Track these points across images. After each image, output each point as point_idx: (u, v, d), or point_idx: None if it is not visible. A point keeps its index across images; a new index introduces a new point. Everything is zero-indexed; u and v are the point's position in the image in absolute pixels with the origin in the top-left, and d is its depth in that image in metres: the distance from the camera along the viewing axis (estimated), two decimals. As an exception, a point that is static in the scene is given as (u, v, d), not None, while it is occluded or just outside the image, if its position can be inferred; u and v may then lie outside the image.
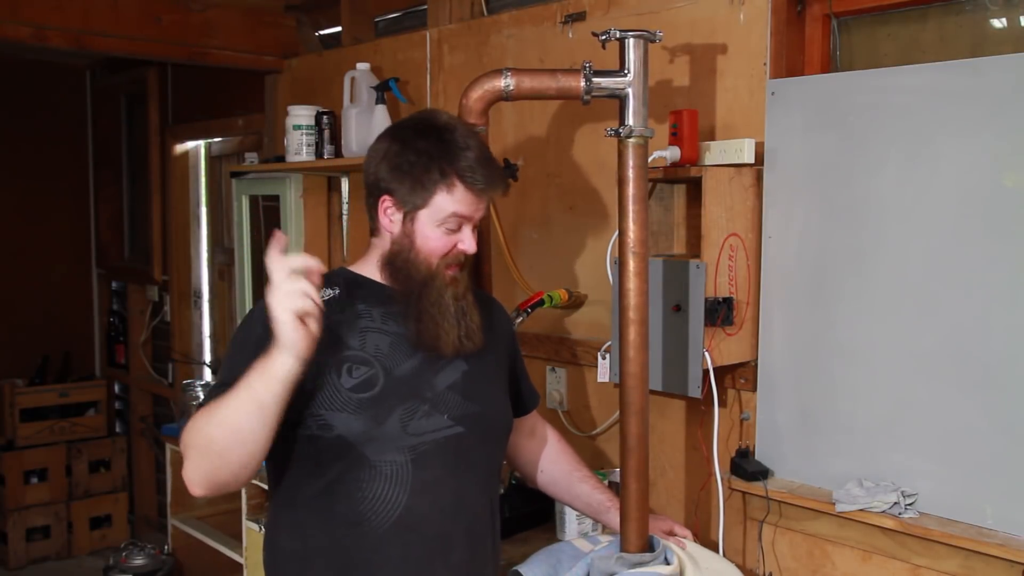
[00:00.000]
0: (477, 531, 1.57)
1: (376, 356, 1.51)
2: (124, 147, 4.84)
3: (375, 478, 1.47)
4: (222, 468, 1.37)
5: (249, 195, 3.39)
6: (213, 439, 1.35)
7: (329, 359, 1.48)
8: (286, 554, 1.55)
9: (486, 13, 2.75)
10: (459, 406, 1.53)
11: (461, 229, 1.53)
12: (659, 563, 1.68)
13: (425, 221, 1.52)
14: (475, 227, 1.56)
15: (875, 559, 1.85)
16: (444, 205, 1.51)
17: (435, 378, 1.54)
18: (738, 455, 2.02)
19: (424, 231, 1.52)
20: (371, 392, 1.48)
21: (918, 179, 1.76)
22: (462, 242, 1.53)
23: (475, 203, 1.52)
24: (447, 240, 1.53)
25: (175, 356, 4.45)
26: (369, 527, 1.47)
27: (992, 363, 1.68)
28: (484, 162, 1.52)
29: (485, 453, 1.59)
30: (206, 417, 1.37)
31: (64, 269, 5.01)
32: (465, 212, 1.52)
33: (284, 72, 3.52)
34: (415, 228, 1.53)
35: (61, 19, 2.98)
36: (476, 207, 1.53)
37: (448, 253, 1.53)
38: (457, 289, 1.55)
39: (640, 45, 1.69)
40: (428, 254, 1.53)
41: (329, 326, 1.49)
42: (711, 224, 1.91)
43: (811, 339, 1.93)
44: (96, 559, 4.50)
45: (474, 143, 1.54)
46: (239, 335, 1.55)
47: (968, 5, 1.89)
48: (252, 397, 1.33)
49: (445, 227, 1.52)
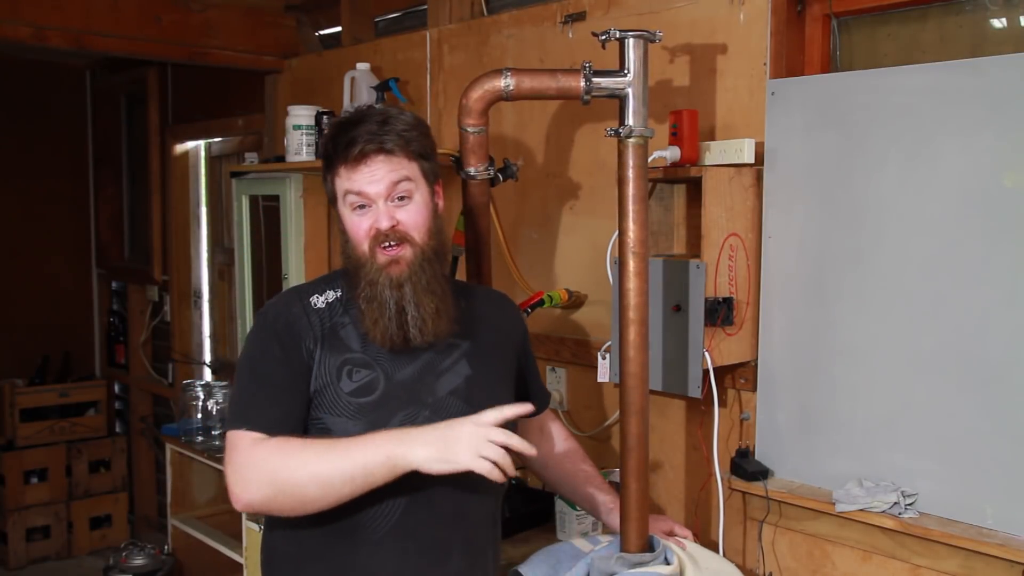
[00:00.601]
0: (476, 540, 1.55)
1: (377, 360, 1.50)
2: (124, 147, 4.84)
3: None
4: (290, 506, 1.39)
5: (249, 195, 3.39)
6: (302, 485, 1.37)
7: (331, 360, 1.48)
8: (281, 557, 1.55)
9: (486, 13, 2.75)
10: (461, 412, 1.48)
11: (372, 207, 1.48)
12: (659, 563, 1.68)
13: (342, 210, 1.51)
14: (396, 201, 1.48)
15: (875, 559, 1.85)
16: (339, 187, 1.49)
17: (436, 383, 1.52)
18: (738, 455, 2.02)
19: (345, 219, 1.51)
20: (370, 397, 1.47)
21: (918, 179, 1.76)
22: (377, 221, 1.47)
23: (361, 175, 1.46)
24: (361, 220, 1.48)
25: (175, 356, 4.45)
26: (365, 534, 1.46)
27: (992, 363, 1.68)
28: (362, 129, 1.46)
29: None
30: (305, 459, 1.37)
31: (64, 269, 5.01)
32: (356, 187, 1.47)
33: (284, 72, 3.52)
34: (342, 220, 1.53)
35: (61, 19, 2.98)
36: (367, 179, 1.46)
37: (369, 234, 1.48)
38: (397, 274, 1.47)
39: (640, 45, 1.69)
40: (355, 240, 1.50)
41: (332, 327, 1.50)
42: (711, 224, 1.91)
43: (811, 339, 1.93)
44: (96, 559, 4.50)
45: (368, 117, 1.49)
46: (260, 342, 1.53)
47: (968, 5, 1.89)
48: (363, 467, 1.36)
49: (356, 209, 1.48)
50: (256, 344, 1.52)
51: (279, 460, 1.38)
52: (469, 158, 1.93)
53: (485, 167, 1.95)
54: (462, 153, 1.94)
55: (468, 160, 1.94)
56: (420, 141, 1.51)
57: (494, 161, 1.99)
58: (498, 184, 2.04)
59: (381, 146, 1.46)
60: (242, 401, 1.48)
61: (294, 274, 3.18)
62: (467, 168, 1.95)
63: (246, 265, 3.42)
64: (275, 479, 1.37)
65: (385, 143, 1.46)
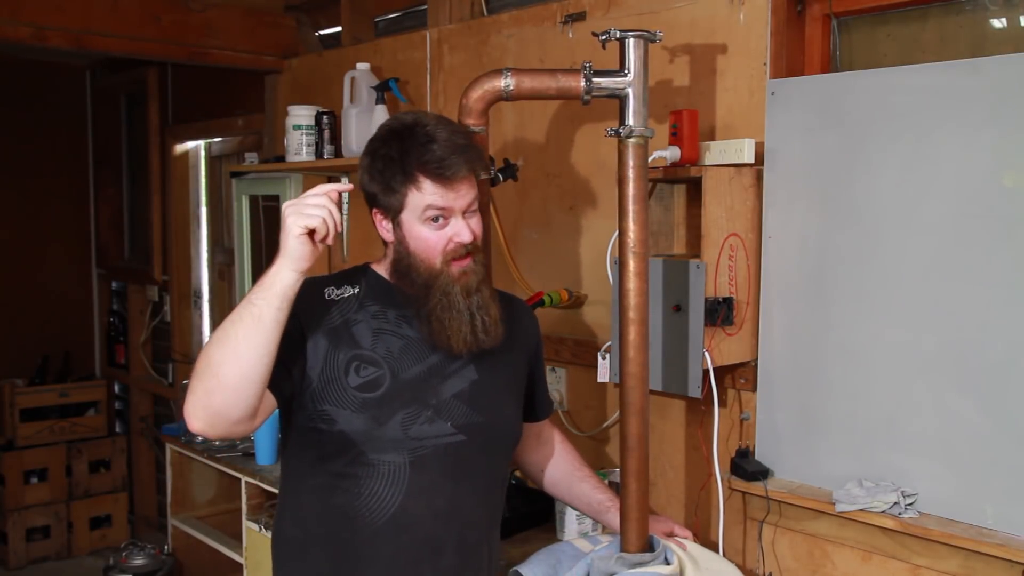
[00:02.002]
0: (470, 539, 1.57)
1: (386, 358, 1.52)
2: (124, 147, 4.84)
3: (373, 476, 1.48)
4: (217, 390, 1.35)
5: (249, 195, 3.39)
6: (211, 358, 1.35)
7: (340, 355, 1.50)
8: (288, 540, 1.59)
9: (486, 13, 2.75)
10: (464, 415, 1.53)
11: (450, 220, 1.50)
12: (659, 563, 1.68)
13: (410, 222, 1.51)
14: (468, 213, 1.52)
15: (875, 559, 1.85)
16: (418, 202, 1.49)
17: (442, 385, 1.54)
18: (738, 455, 2.02)
19: (413, 232, 1.51)
20: (375, 393, 1.49)
21: (918, 179, 1.76)
22: (457, 234, 1.50)
23: (448, 192, 1.49)
24: (439, 235, 1.50)
25: (175, 356, 4.45)
26: (364, 522, 1.49)
27: (992, 363, 1.68)
28: (450, 148, 1.49)
29: (486, 463, 1.59)
30: (209, 341, 1.38)
31: (64, 269, 5.01)
32: (441, 203, 1.49)
33: (284, 72, 3.52)
34: (404, 232, 1.52)
35: (61, 19, 2.98)
36: (453, 195, 1.49)
37: (446, 248, 1.51)
38: (467, 283, 1.51)
39: (640, 45, 1.69)
40: (425, 254, 1.51)
41: (345, 322, 1.53)
42: (711, 224, 1.91)
43: (811, 339, 1.93)
44: (96, 559, 4.50)
45: (442, 134, 1.51)
46: None
47: (968, 5, 1.89)
48: (250, 311, 1.34)
49: (430, 222, 1.50)
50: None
51: (199, 360, 1.38)
52: (469, 158, 1.93)
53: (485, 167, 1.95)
54: (462, 153, 1.93)
55: (468, 160, 1.93)
56: (484, 161, 1.60)
57: (494, 161, 1.99)
58: (498, 184, 2.04)
59: (472, 168, 1.52)
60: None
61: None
62: (467, 168, 1.94)
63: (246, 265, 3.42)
64: (197, 373, 1.36)
65: (475, 165, 1.52)
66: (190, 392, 1.37)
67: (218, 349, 1.35)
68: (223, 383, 1.35)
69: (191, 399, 1.36)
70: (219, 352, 1.35)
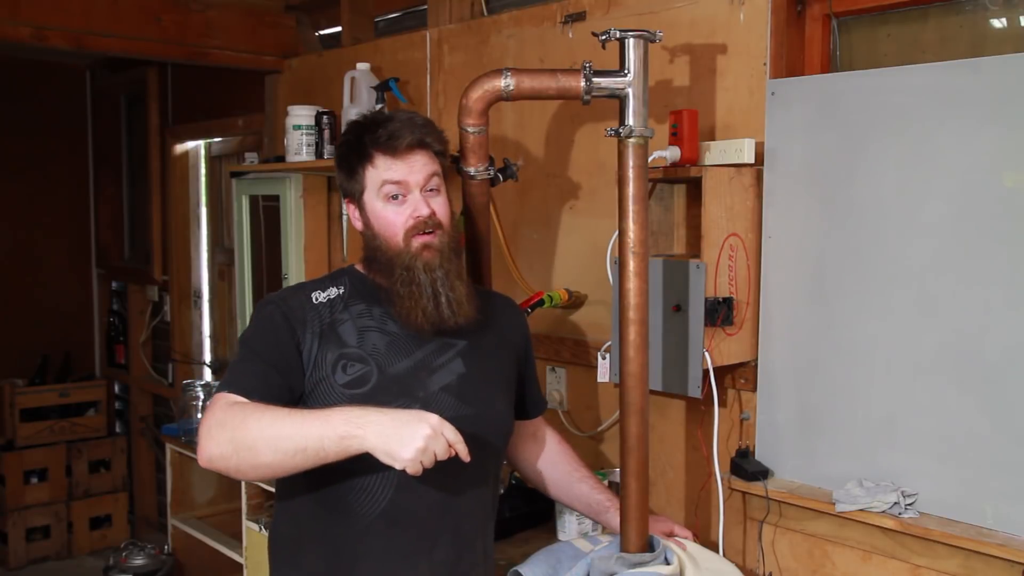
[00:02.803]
0: (465, 531, 1.58)
1: (372, 354, 1.53)
2: (124, 147, 4.84)
3: (364, 470, 1.48)
4: (243, 465, 1.38)
5: (249, 195, 3.39)
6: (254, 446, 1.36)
7: (328, 355, 1.52)
8: (284, 538, 1.61)
9: (486, 13, 2.75)
10: (452, 408, 1.53)
11: (408, 198, 1.53)
12: (659, 563, 1.68)
13: (371, 202, 1.55)
14: (429, 192, 1.55)
15: (875, 559, 1.85)
16: (374, 178, 1.54)
17: (429, 379, 1.55)
18: (738, 455, 2.02)
19: (375, 212, 1.55)
20: (363, 389, 1.50)
21: (918, 179, 1.76)
22: (416, 209, 1.53)
23: (401, 164, 1.53)
24: (397, 211, 1.53)
25: (175, 356, 4.45)
26: (355, 517, 1.50)
27: (992, 363, 1.68)
28: (402, 124, 1.53)
29: (477, 455, 1.59)
30: (258, 417, 1.37)
31: (64, 269, 5.01)
32: (397, 177, 1.53)
33: (284, 72, 3.51)
34: (368, 214, 1.56)
35: (61, 19, 2.98)
36: (407, 168, 1.53)
37: (407, 224, 1.53)
38: (429, 259, 1.53)
39: (640, 45, 1.69)
40: (388, 232, 1.54)
41: (331, 323, 1.54)
42: (711, 224, 1.91)
43: (811, 339, 1.93)
44: (96, 559, 4.50)
45: (401, 116, 1.56)
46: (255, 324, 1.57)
47: (968, 5, 1.89)
48: (305, 434, 1.33)
49: (389, 200, 1.53)
50: (253, 325, 1.57)
51: (241, 419, 1.38)
52: (469, 158, 1.93)
53: (485, 167, 1.95)
54: (462, 153, 1.94)
55: (468, 160, 1.94)
56: (444, 143, 1.61)
57: (494, 161, 1.99)
58: (498, 184, 2.04)
59: (422, 139, 1.54)
60: (232, 371, 1.52)
61: (294, 274, 3.18)
62: (467, 168, 1.95)
63: (246, 265, 3.42)
64: (235, 437, 1.37)
65: (425, 137, 1.55)
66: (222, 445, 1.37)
67: (267, 448, 1.35)
68: (254, 466, 1.38)
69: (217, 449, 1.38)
70: (268, 451, 1.35)
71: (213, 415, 1.40)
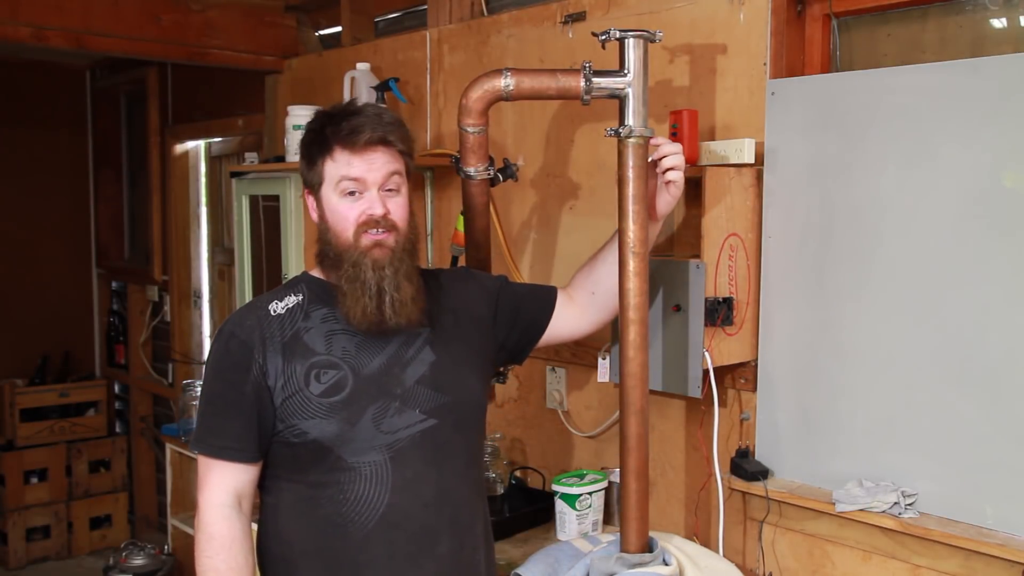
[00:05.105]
0: (462, 519, 1.57)
1: (344, 358, 1.52)
2: (124, 147, 4.84)
3: (355, 480, 1.48)
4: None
5: (249, 195, 3.39)
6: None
7: (297, 367, 1.49)
8: (274, 558, 1.57)
9: (486, 13, 2.75)
10: (430, 399, 1.53)
11: (364, 195, 1.52)
12: (658, 563, 1.68)
13: (328, 196, 1.53)
14: (387, 192, 1.53)
15: (875, 559, 1.85)
16: (332, 172, 1.52)
17: (403, 373, 1.54)
18: (738, 455, 2.02)
19: (331, 205, 1.53)
20: (340, 395, 1.49)
21: (918, 179, 1.76)
22: (370, 207, 1.51)
23: (360, 161, 1.51)
24: (351, 207, 1.52)
25: (175, 356, 4.45)
26: (353, 528, 1.48)
27: (992, 363, 1.68)
28: (366, 120, 1.51)
29: (462, 441, 1.59)
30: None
31: (64, 269, 5.01)
32: (355, 174, 1.51)
33: (284, 72, 3.51)
34: (324, 207, 1.55)
35: (61, 19, 2.98)
36: (366, 166, 1.51)
37: (359, 220, 1.51)
38: (378, 257, 1.50)
39: (640, 45, 1.69)
40: (340, 226, 1.52)
41: (295, 333, 1.52)
42: (711, 224, 1.91)
43: (811, 339, 1.93)
44: (96, 559, 4.50)
45: (369, 110, 1.54)
46: (213, 362, 1.56)
47: (968, 5, 1.89)
48: None
49: (346, 196, 1.51)
50: (211, 364, 1.56)
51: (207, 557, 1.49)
52: (469, 158, 1.93)
53: (485, 167, 1.95)
54: (462, 153, 1.93)
55: (468, 160, 1.93)
56: (409, 142, 1.58)
57: (494, 161, 1.99)
58: (498, 184, 2.04)
59: (384, 137, 1.52)
60: (202, 421, 1.54)
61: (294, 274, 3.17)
62: (467, 168, 1.94)
63: (246, 265, 3.41)
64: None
65: (388, 135, 1.52)
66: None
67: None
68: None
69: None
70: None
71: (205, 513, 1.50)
